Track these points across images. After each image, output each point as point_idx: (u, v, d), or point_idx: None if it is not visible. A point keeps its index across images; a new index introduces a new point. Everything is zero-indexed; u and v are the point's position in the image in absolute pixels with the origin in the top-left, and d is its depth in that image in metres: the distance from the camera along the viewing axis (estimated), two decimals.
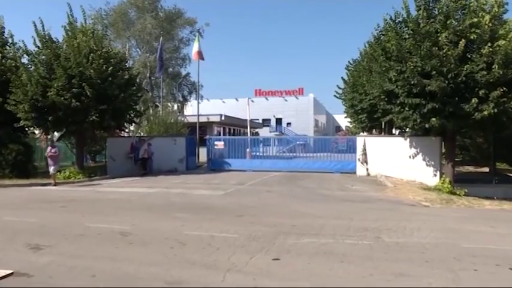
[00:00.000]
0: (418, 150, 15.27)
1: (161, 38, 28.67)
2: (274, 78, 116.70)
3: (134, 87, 18.03)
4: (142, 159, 19.03)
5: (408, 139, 15.58)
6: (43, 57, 16.09)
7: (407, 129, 14.92)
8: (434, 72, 11.56)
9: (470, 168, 20.18)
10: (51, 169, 14.74)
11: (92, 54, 15.80)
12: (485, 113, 11.23)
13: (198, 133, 25.83)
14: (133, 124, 22.11)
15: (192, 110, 39.73)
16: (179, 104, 35.24)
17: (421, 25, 12.00)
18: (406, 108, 12.69)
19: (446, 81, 11.55)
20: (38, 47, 16.25)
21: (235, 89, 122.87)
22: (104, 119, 16.05)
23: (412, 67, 11.86)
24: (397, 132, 21.25)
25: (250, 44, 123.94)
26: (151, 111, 28.16)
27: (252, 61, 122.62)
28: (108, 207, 9.53)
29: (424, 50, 11.65)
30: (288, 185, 14.39)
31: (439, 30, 11.90)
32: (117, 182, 15.81)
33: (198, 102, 28.99)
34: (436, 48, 11.47)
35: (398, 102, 12.89)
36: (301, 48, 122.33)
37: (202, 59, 25.73)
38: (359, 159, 17.61)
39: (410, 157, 15.45)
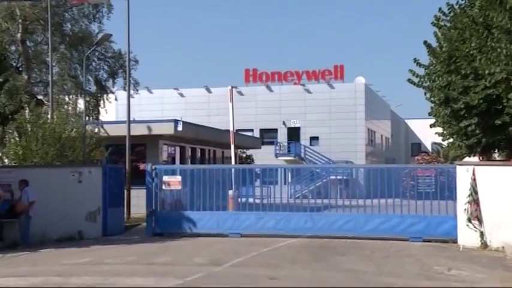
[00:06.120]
0: None
1: None
2: (281, 56, 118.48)
3: None
4: (8, 215, 18.92)
5: None
6: None
7: None
8: None
9: None
10: None
11: None
12: None
13: (129, 158, 26.35)
14: None
15: (115, 112, 39.62)
16: (90, 99, 35.34)
17: None
18: None
19: None
20: None
21: (207, 71, 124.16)
22: None
23: None
24: None
25: None
26: (27, 113, 27.63)
27: (242, 22, 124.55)
28: None
29: None
30: (313, 265, 14.69)
31: None
32: None
33: (129, 95, 28.94)
34: None
35: None
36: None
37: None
38: (467, 214, 17.50)
39: None
